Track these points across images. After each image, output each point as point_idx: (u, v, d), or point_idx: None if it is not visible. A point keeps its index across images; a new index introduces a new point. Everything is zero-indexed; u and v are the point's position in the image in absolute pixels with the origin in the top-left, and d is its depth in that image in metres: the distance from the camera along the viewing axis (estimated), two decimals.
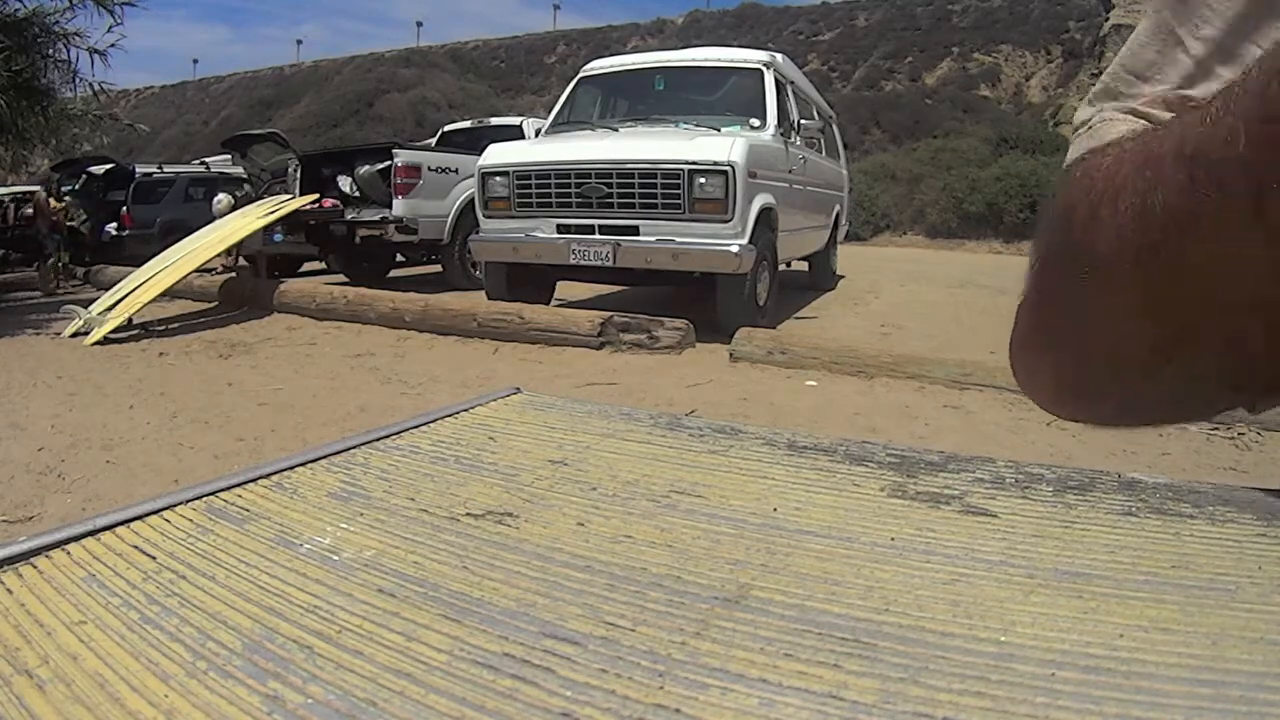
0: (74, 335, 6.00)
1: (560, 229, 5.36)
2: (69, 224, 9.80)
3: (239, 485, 0.47)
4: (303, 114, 33.99)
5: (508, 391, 0.64)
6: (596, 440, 0.53)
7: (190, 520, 0.43)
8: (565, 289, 6.58)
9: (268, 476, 0.48)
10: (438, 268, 8.79)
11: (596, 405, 0.60)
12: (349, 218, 7.93)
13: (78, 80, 8.85)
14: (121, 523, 0.42)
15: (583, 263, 5.26)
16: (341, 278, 8.79)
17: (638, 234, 5.07)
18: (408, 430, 0.55)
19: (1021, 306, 0.41)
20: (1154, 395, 0.37)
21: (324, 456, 0.51)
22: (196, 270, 7.07)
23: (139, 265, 7.28)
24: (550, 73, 36.36)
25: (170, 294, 6.76)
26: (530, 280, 5.96)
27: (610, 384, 4.16)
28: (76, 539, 0.41)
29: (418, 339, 5.54)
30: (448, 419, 0.57)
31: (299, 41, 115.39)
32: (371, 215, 7.81)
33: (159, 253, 7.37)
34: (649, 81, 6.29)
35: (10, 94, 7.75)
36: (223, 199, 9.33)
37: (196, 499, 0.45)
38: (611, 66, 6.59)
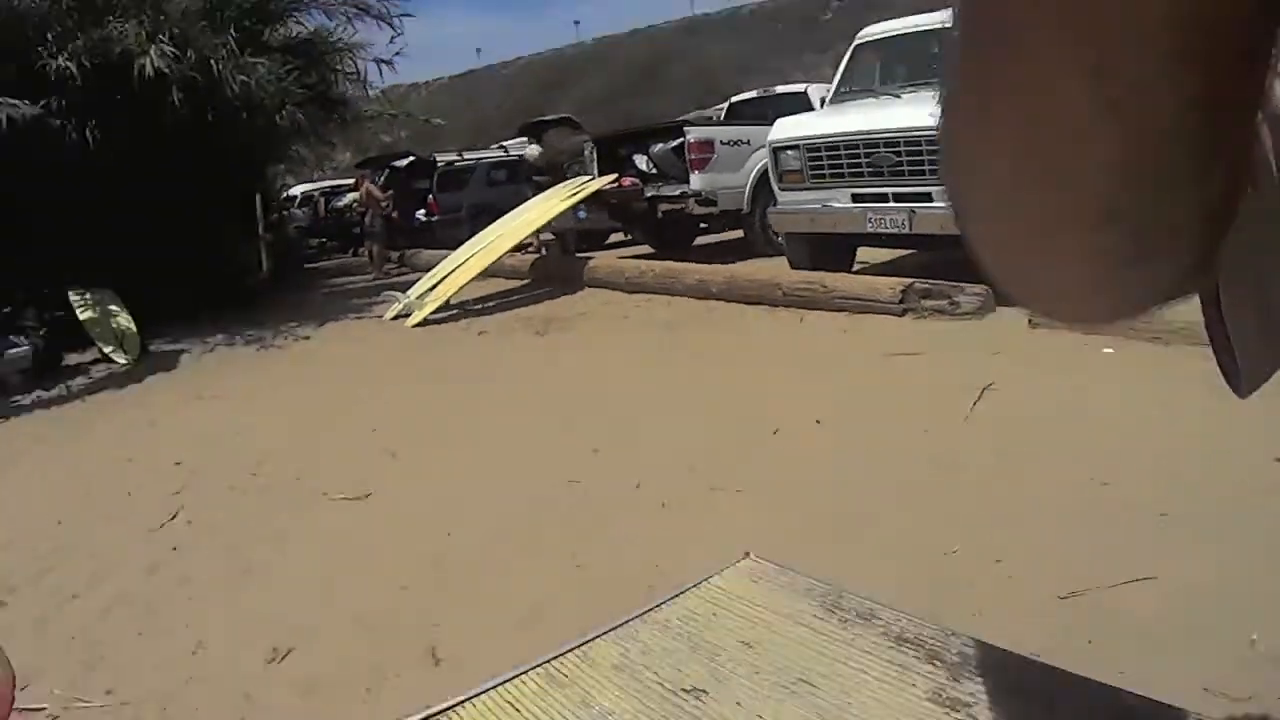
0: (395, 318, 6.88)
1: (855, 198, 5.36)
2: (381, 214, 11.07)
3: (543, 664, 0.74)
4: (589, 91, 35.33)
5: (738, 559, 0.85)
6: (790, 627, 0.73)
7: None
8: (865, 252, 6.54)
9: (559, 657, 0.75)
10: (739, 233, 9.03)
11: (806, 582, 0.79)
12: (649, 195, 8.41)
13: (367, 86, 10.40)
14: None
15: (880, 230, 5.24)
16: (645, 248, 9.37)
17: (931, 200, 4.92)
18: (662, 606, 0.79)
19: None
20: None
21: (607, 632, 0.76)
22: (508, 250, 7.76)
23: (451, 249, 8.17)
24: (829, 29, 34.44)
25: (484, 273, 7.45)
26: (831, 247, 6.00)
27: (913, 354, 4.18)
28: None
29: (725, 309, 5.85)
30: (690, 592, 0.80)
31: (576, 22, 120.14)
32: (672, 191, 8.20)
33: (470, 235, 8.25)
34: (927, 44, 5.91)
35: (309, 107, 9.15)
36: (531, 149, 10.51)
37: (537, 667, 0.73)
38: (887, 31, 6.25)
